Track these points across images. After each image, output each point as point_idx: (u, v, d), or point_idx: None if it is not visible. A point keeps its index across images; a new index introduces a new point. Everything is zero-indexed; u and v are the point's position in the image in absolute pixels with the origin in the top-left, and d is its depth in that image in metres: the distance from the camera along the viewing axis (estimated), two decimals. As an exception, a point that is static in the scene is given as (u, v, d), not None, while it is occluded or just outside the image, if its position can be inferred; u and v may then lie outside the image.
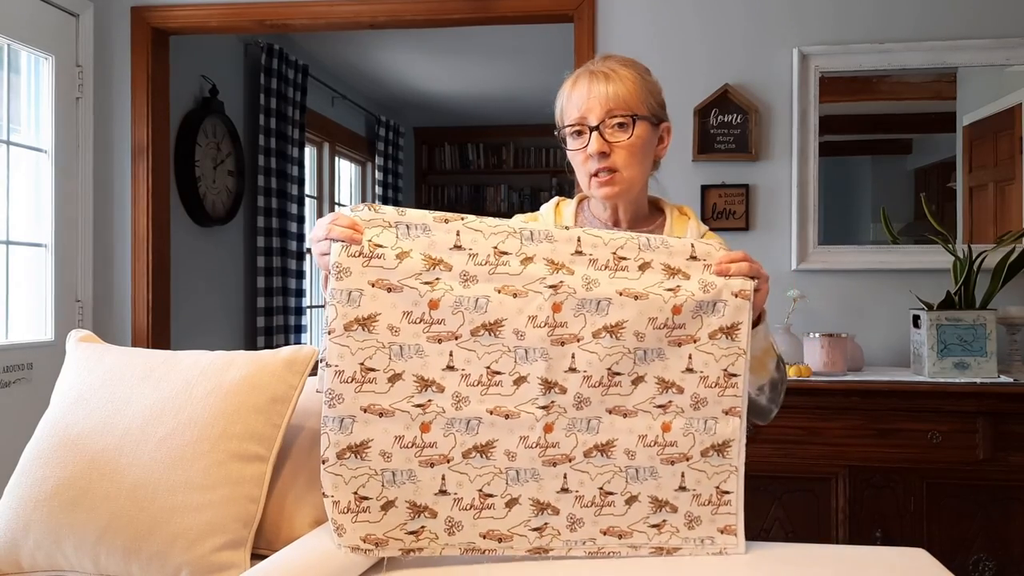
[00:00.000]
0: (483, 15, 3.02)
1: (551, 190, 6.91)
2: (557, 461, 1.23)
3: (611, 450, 1.25)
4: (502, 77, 5.49)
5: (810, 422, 2.41)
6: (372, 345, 1.19)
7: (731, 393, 1.26)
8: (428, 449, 1.21)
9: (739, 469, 1.27)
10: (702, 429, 1.26)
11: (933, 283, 2.70)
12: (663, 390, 1.25)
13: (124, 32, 3.19)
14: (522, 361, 1.22)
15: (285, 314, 4.59)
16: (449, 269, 1.21)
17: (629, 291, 1.23)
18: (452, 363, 1.22)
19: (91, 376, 1.42)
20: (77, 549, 1.30)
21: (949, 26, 2.78)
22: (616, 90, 1.38)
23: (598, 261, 1.25)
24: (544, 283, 1.22)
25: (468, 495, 1.22)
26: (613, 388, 1.24)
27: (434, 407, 1.21)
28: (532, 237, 1.24)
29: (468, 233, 1.23)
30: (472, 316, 1.21)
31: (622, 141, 1.38)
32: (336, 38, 4.68)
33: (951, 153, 2.84)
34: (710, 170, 2.89)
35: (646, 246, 1.26)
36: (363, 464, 1.20)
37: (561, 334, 1.22)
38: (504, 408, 1.22)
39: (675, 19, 2.91)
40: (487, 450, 1.22)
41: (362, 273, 1.19)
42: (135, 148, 3.19)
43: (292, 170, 4.58)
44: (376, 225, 1.21)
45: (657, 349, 1.24)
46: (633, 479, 1.25)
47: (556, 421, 1.23)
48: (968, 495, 2.37)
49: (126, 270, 3.20)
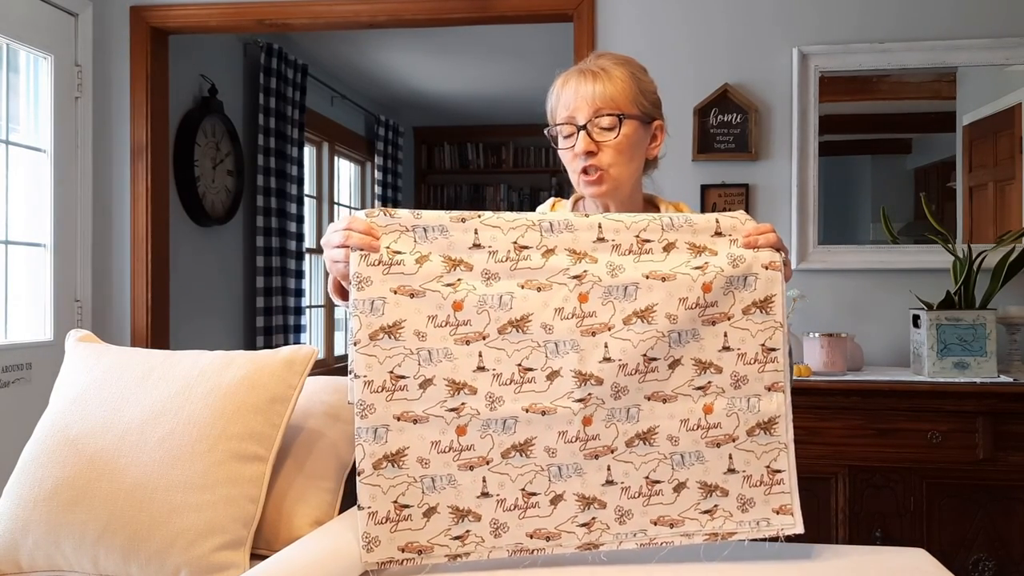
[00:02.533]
0: (483, 15, 3.02)
1: (551, 190, 6.90)
2: (599, 453, 1.21)
3: (654, 437, 1.22)
4: (502, 77, 5.49)
5: (810, 422, 2.41)
6: (400, 352, 1.19)
7: (772, 368, 1.23)
8: (466, 452, 1.20)
9: (788, 446, 1.23)
10: (745, 408, 1.23)
11: (933, 283, 2.70)
12: (701, 371, 1.22)
13: (123, 32, 3.18)
14: (553, 355, 1.20)
15: (284, 314, 4.58)
16: (470, 269, 1.21)
17: (656, 273, 1.21)
18: (482, 363, 1.20)
19: (90, 376, 1.41)
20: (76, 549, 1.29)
21: (949, 26, 2.78)
22: (604, 89, 1.37)
23: (621, 246, 1.23)
24: (567, 274, 1.21)
25: (511, 495, 1.20)
26: (650, 374, 1.21)
27: (468, 409, 1.20)
28: (552, 228, 1.22)
29: (486, 230, 1.21)
30: (498, 314, 1.20)
31: (609, 140, 1.38)
32: (336, 38, 4.67)
33: (951, 153, 2.84)
34: (710, 170, 2.89)
35: (669, 226, 1.24)
36: (401, 472, 1.19)
37: (591, 324, 1.20)
38: (540, 404, 1.20)
39: (675, 18, 2.91)
40: (526, 448, 1.20)
41: (383, 281, 1.18)
42: (134, 148, 3.19)
43: (291, 170, 4.57)
44: (392, 230, 1.20)
45: (691, 330, 1.22)
46: (679, 465, 1.22)
47: (594, 413, 1.20)
48: (968, 495, 2.37)
49: (125, 270, 3.19)
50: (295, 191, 4.62)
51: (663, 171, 1.55)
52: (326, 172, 5.53)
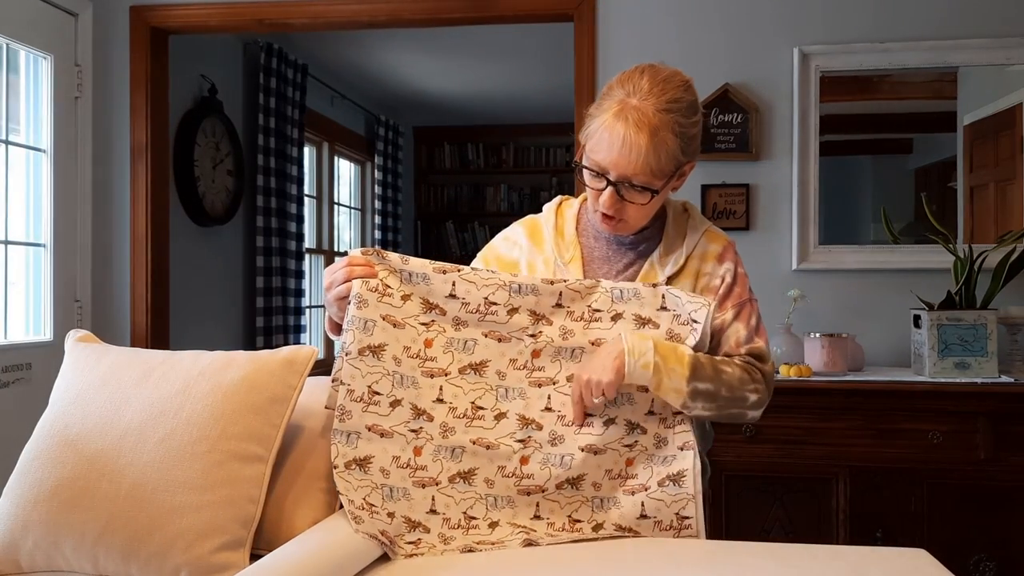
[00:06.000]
0: (483, 15, 3.02)
1: (551, 190, 6.90)
2: (531, 491, 1.35)
3: (580, 483, 1.36)
4: (502, 77, 5.49)
5: (811, 422, 2.41)
6: (379, 371, 1.34)
7: (681, 430, 1.37)
8: (420, 471, 1.34)
9: (695, 496, 1.34)
10: (660, 463, 1.36)
11: (934, 283, 2.70)
12: (630, 431, 1.36)
13: (123, 32, 3.18)
14: (503, 399, 1.37)
15: (284, 314, 4.58)
16: (444, 314, 1.37)
17: (600, 340, 1.37)
18: (441, 396, 1.36)
19: (90, 376, 1.41)
20: (76, 549, 1.29)
21: (949, 26, 2.78)
22: (645, 160, 1.31)
23: (574, 313, 1.38)
24: (526, 332, 1.38)
25: (455, 516, 1.33)
26: (585, 427, 1.35)
27: (424, 434, 1.34)
28: (520, 290, 1.37)
29: (463, 284, 1.37)
30: (461, 356, 1.37)
31: (636, 203, 1.38)
32: (336, 38, 4.67)
33: (952, 153, 2.84)
34: (710, 169, 2.88)
35: (619, 298, 1.38)
36: (367, 477, 1.31)
37: (539, 376, 1.38)
38: (485, 439, 1.35)
39: (675, 18, 2.91)
40: (469, 476, 1.35)
41: (376, 306, 1.34)
42: (134, 148, 3.19)
43: (291, 170, 4.57)
44: (383, 269, 1.36)
45: (627, 394, 1.36)
46: (599, 508, 1.36)
47: (532, 455, 1.35)
48: (969, 495, 2.36)
49: (125, 270, 3.19)
50: (295, 191, 4.61)
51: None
52: (326, 172, 5.53)
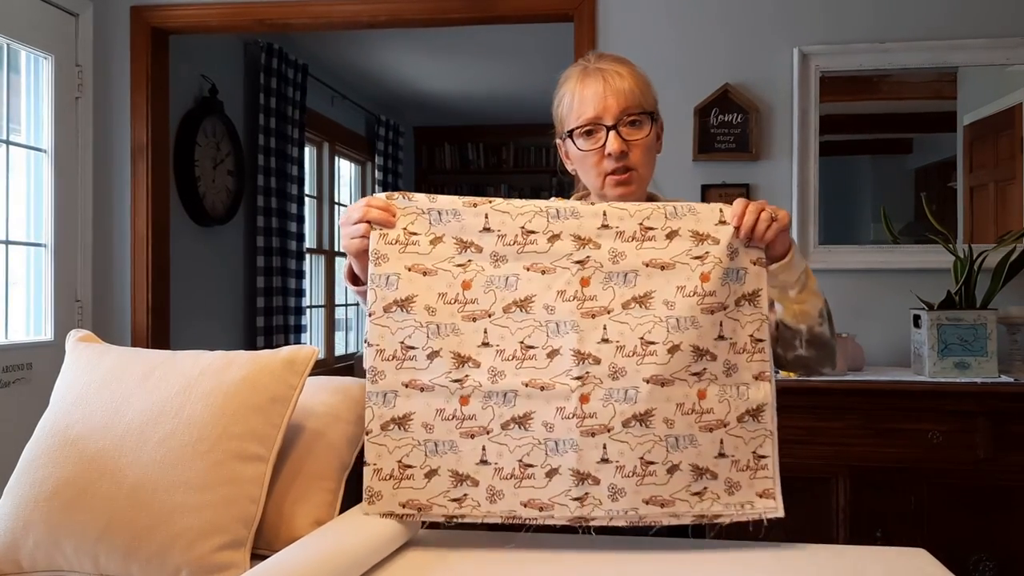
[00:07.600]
0: (483, 15, 3.02)
1: (551, 190, 6.90)
2: (595, 431, 1.25)
3: (650, 419, 1.25)
4: (502, 77, 5.49)
5: (810, 422, 2.40)
6: (411, 324, 1.27)
7: (759, 359, 1.27)
8: (468, 421, 1.26)
9: (773, 433, 1.28)
10: (736, 395, 1.27)
11: (933, 283, 2.70)
12: (698, 358, 1.26)
13: (124, 32, 3.18)
14: (554, 335, 1.26)
15: (285, 314, 4.58)
16: (480, 251, 1.27)
17: (656, 261, 1.26)
18: (487, 340, 1.27)
19: (91, 376, 1.41)
20: (77, 549, 1.29)
21: (949, 26, 2.78)
22: (631, 87, 1.37)
23: (624, 233, 1.27)
24: (571, 259, 1.27)
25: (508, 465, 1.25)
26: (648, 357, 1.25)
27: (471, 381, 1.26)
28: (558, 215, 1.27)
29: (496, 215, 1.27)
30: (503, 294, 1.27)
31: (639, 139, 1.38)
32: (336, 38, 4.67)
33: (951, 153, 2.84)
34: (710, 170, 2.88)
35: (673, 214, 1.27)
36: (406, 435, 1.26)
37: (591, 307, 1.26)
38: (539, 380, 1.25)
39: (675, 18, 2.91)
40: (525, 421, 1.25)
41: (399, 259, 1.27)
42: (135, 148, 3.19)
43: (292, 170, 4.57)
44: (410, 212, 1.28)
45: (690, 317, 1.25)
46: (674, 448, 1.25)
47: (592, 392, 1.25)
48: (969, 495, 2.37)
49: (126, 270, 3.19)
50: (295, 191, 4.62)
51: (663, 171, 1.55)
52: (326, 172, 5.53)
